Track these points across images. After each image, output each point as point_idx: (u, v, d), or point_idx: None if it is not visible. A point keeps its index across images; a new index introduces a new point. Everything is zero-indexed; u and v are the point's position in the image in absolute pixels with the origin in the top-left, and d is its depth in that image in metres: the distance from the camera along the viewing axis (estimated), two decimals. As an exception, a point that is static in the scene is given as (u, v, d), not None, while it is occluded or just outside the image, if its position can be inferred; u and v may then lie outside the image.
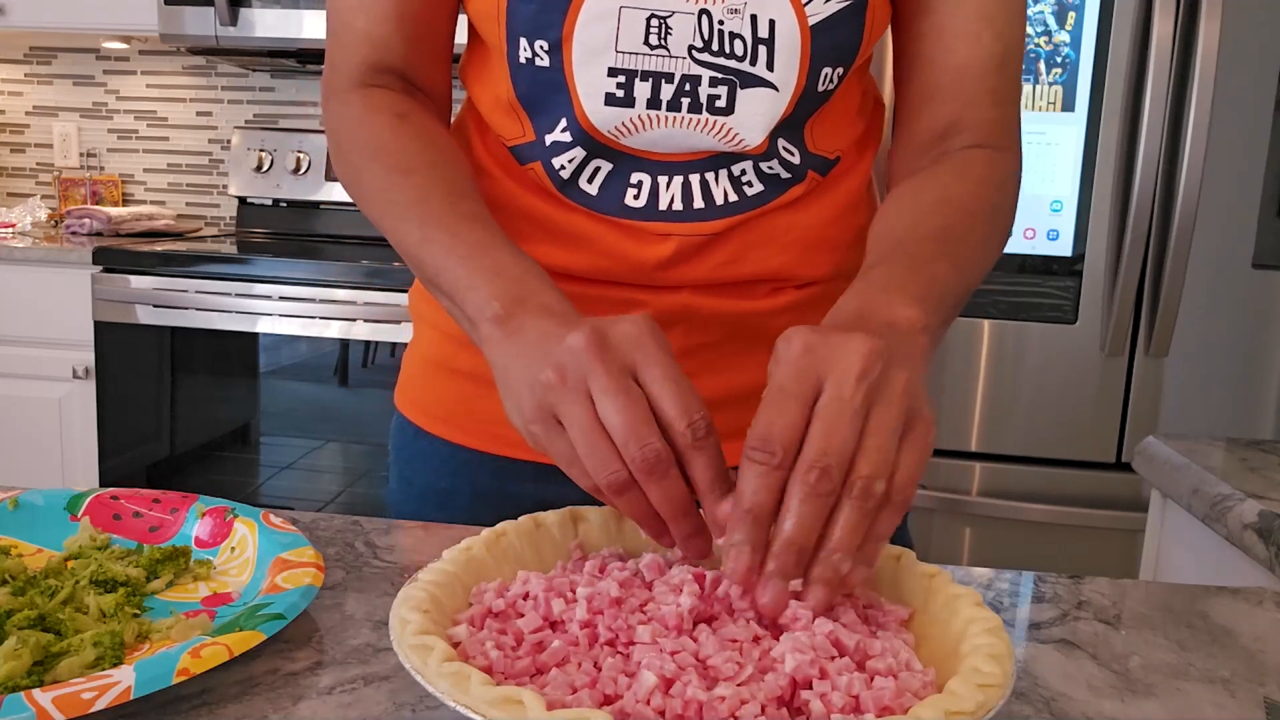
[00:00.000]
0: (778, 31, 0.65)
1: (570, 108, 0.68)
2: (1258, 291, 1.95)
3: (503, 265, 0.58)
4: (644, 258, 0.72)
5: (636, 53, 0.66)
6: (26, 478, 2.32)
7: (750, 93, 0.67)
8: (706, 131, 0.68)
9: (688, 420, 0.48)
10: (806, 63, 0.66)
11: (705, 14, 0.65)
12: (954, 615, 0.50)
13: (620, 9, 0.65)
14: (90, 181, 2.88)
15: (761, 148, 0.69)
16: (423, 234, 0.62)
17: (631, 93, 0.67)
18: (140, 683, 0.43)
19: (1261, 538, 0.83)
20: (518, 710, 0.39)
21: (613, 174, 0.71)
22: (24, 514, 0.64)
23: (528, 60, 0.68)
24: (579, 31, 0.66)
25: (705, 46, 0.66)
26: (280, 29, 2.36)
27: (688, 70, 0.66)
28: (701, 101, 0.67)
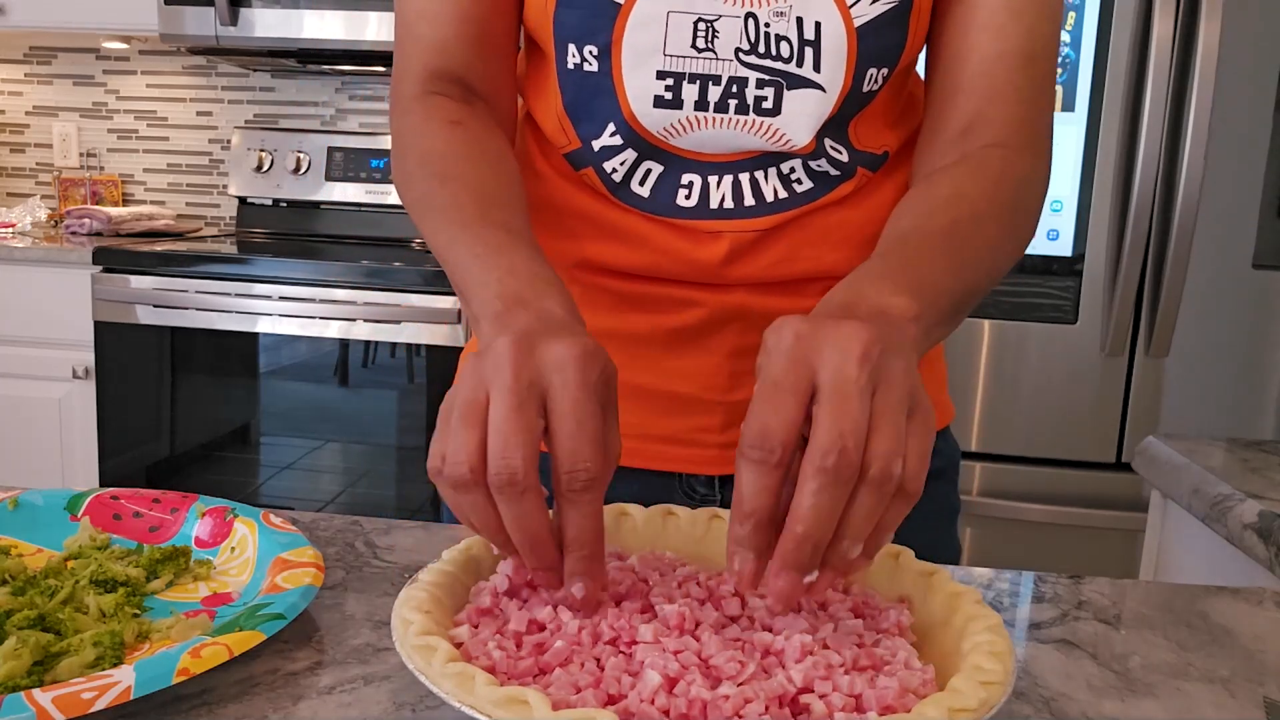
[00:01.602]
0: (824, 33, 0.66)
1: (618, 111, 0.69)
2: (1258, 291, 1.95)
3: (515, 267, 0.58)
4: (699, 256, 0.72)
5: (684, 55, 0.67)
6: (26, 478, 2.32)
7: (797, 94, 0.67)
8: (753, 132, 0.68)
9: (569, 467, 0.45)
10: (853, 64, 0.67)
11: (751, 17, 0.66)
12: (954, 613, 0.50)
13: (668, 13, 0.66)
14: (90, 181, 2.88)
15: (809, 148, 0.69)
16: (449, 236, 0.62)
17: (679, 95, 0.68)
18: (140, 682, 0.43)
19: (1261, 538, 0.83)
20: (523, 710, 0.39)
21: (664, 175, 0.71)
22: (24, 514, 0.64)
23: (575, 66, 0.69)
24: (628, 35, 0.67)
25: (752, 49, 0.66)
26: (280, 29, 2.36)
27: (735, 72, 0.67)
28: (748, 103, 0.67)
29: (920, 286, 0.55)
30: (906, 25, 0.68)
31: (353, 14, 2.33)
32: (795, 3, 0.65)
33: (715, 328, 0.74)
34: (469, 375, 0.47)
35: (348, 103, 2.82)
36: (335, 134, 2.73)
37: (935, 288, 0.57)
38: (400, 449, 2.18)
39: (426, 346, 2.12)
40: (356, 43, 2.35)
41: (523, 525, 0.46)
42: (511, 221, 0.63)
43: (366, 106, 2.81)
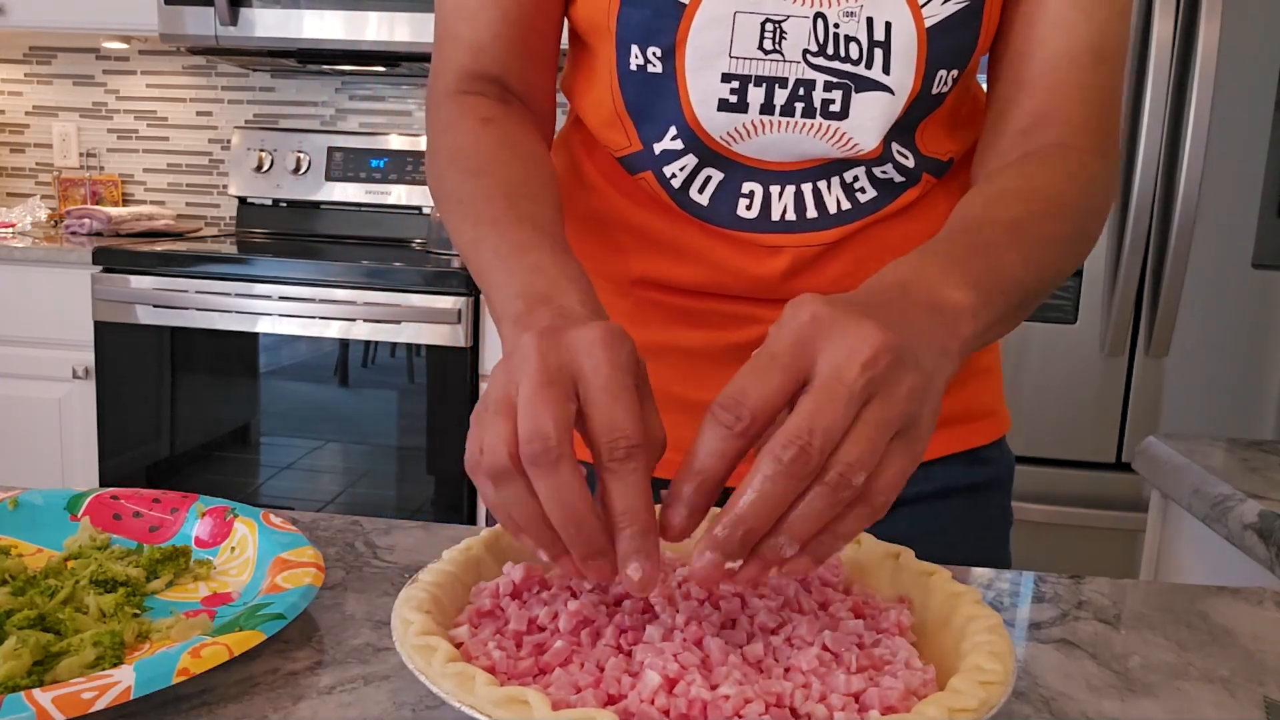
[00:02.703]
0: (894, 34, 0.64)
1: (680, 114, 0.67)
2: (1258, 291, 1.95)
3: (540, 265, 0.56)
4: (759, 272, 0.71)
5: (750, 57, 0.65)
6: (26, 478, 2.32)
7: (865, 96, 0.65)
8: (820, 136, 0.67)
9: (607, 437, 0.42)
10: (923, 65, 0.65)
11: (820, 17, 0.64)
12: (954, 613, 0.50)
13: (735, 14, 0.64)
14: (90, 181, 2.88)
15: (876, 152, 0.67)
16: (475, 233, 0.61)
17: (745, 98, 0.66)
18: (140, 682, 0.43)
19: (1262, 538, 0.83)
20: (523, 710, 0.39)
21: (724, 183, 0.70)
22: (24, 514, 0.64)
23: (639, 67, 0.67)
24: (693, 37, 0.65)
25: (820, 50, 0.64)
26: (280, 29, 2.36)
27: (802, 74, 0.65)
28: (815, 106, 0.66)
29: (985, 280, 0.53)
30: (978, 25, 0.66)
31: (353, 14, 2.33)
32: (866, 2, 0.64)
33: None
34: (498, 376, 0.46)
35: (348, 103, 2.82)
36: (335, 134, 2.73)
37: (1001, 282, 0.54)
38: (400, 449, 2.18)
39: (426, 346, 2.12)
40: (356, 43, 2.35)
41: (562, 500, 0.42)
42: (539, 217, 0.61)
43: (366, 106, 2.81)
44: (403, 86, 2.78)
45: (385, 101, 2.80)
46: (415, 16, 2.31)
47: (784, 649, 0.46)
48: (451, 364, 2.12)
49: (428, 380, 2.14)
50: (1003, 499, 0.82)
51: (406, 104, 2.79)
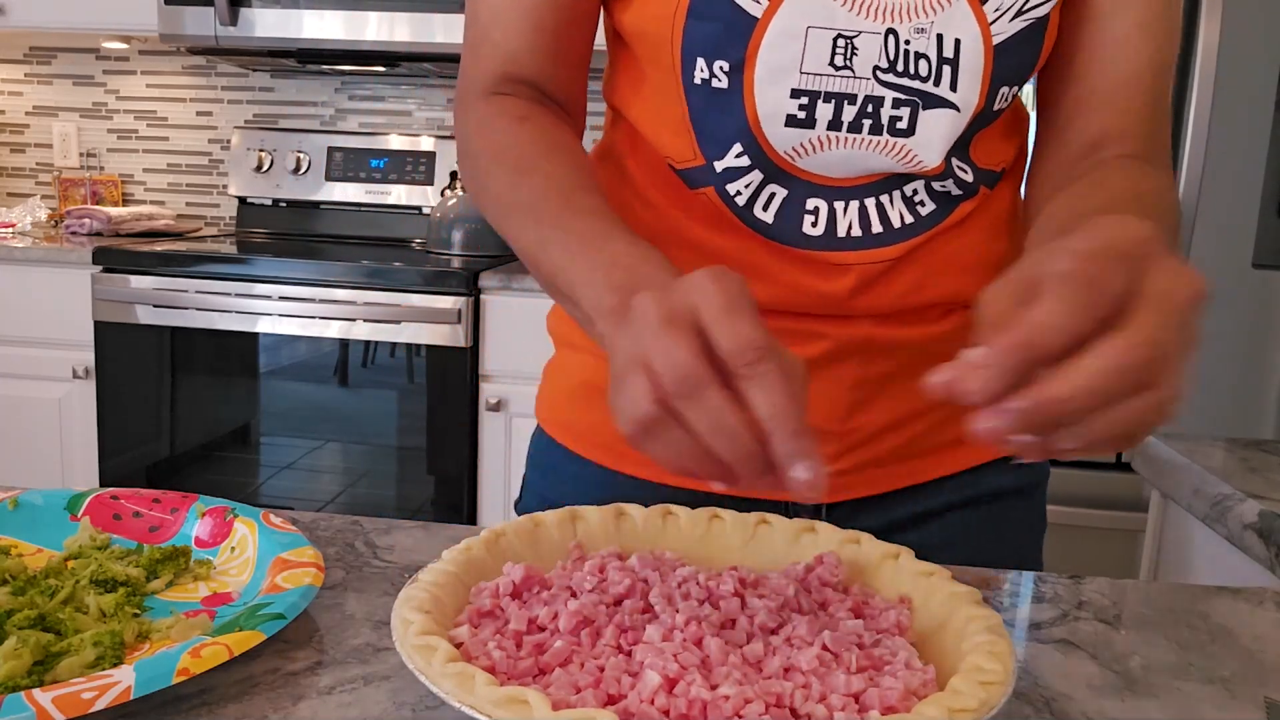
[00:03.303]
0: (962, 51, 0.64)
1: (747, 130, 0.67)
2: (1258, 291, 1.95)
3: (617, 256, 0.54)
4: (825, 289, 0.70)
5: (821, 74, 0.64)
6: (26, 478, 2.32)
7: (932, 113, 0.65)
8: (885, 153, 0.66)
9: (736, 349, 0.42)
10: (988, 82, 0.65)
11: (892, 33, 0.63)
12: (953, 613, 0.50)
13: (807, 29, 0.63)
14: (90, 181, 2.88)
15: (939, 169, 0.67)
16: (539, 234, 0.60)
17: (813, 114, 0.65)
18: (140, 682, 0.43)
19: (1262, 538, 0.83)
20: (523, 710, 0.39)
21: (788, 200, 0.69)
22: (24, 514, 0.64)
23: (704, 81, 0.66)
24: (763, 52, 0.64)
25: (890, 67, 0.64)
26: (280, 29, 2.36)
27: (871, 91, 0.65)
28: (883, 123, 0.65)
29: None
30: (1041, 42, 0.66)
31: (352, 14, 2.33)
32: (937, 19, 0.63)
33: (839, 359, 0.71)
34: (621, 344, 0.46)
35: (347, 103, 2.82)
36: (335, 134, 2.73)
37: None
38: (400, 449, 2.18)
39: (426, 346, 2.12)
40: (356, 43, 2.35)
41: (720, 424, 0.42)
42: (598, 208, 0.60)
43: (366, 106, 2.81)
44: (402, 86, 2.78)
45: (385, 101, 2.80)
46: (415, 16, 2.31)
47: (784, 649, 0.46)
48: (451, 364, 2.12)
49: (428, 380, 2.14)
50: (1042, 501, 0.83)
51: (406, 104, 2.79)
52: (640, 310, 0.45)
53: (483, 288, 2.12)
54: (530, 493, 0.84)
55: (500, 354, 2.14)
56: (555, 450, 0.81)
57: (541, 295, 2.11)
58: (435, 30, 2.31)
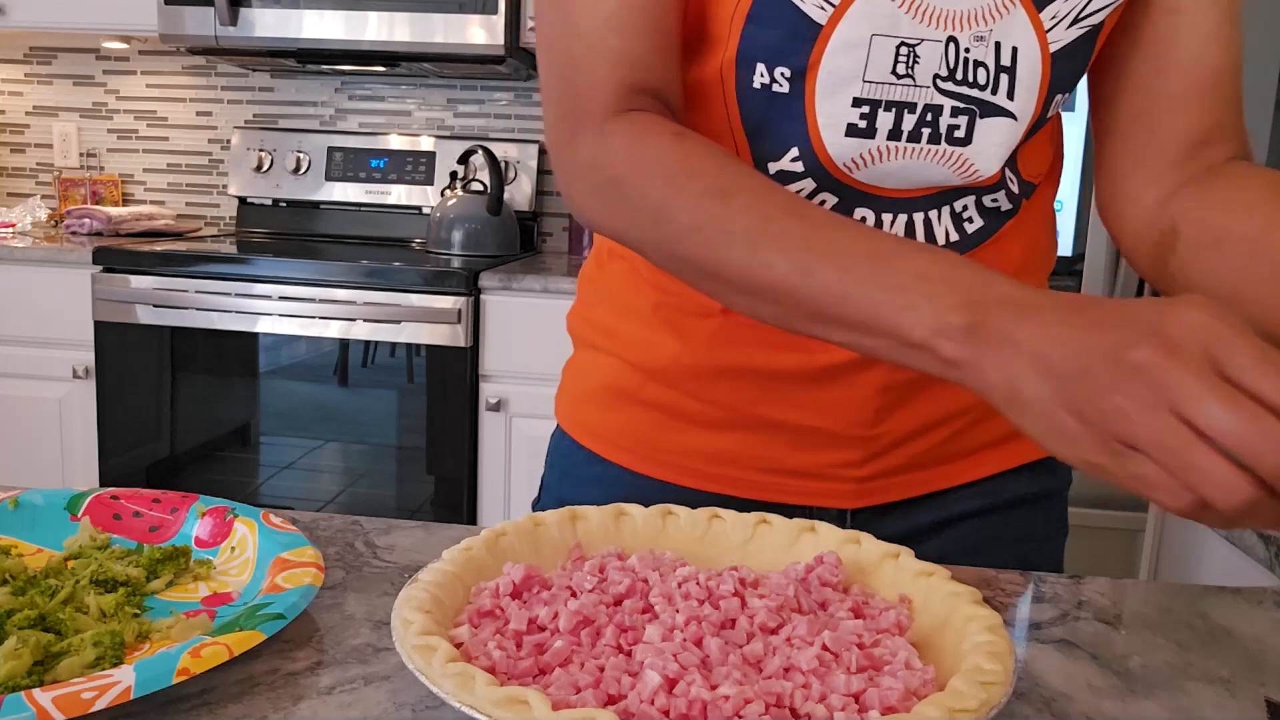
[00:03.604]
0: (1020, 59, 0.63)
1: (804, 137, 0.65)
2: (1258, 291, 1.95)
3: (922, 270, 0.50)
4: None
5: (883, 82, 0.63)
6: (27, 477, 2.32)
7: (989, 122, 0.65)
8: (942, 162, 0.65)
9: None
10: (1044, 91, 0.65)
11: (953, 41, 0.62)
12: (953, 613, 0.50)
13: (871, 37, 0.62)
14: (90, 181, 2.88)
15: (995, 178, 0.67)
16: (794, 263, 0.53)
17: (874, 123, 0.64)
18: (140, 682, 0.43)
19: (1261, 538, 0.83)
20: (523, 710, 0.39)
21: (837, 208, 0.67)
22: (24, 514, 0.64)
23: (763, 86, 0.64)
24: (827, 60, 0.62)
25: (950, 75, 0.63)
26: (280, 29, 2.36)
27: (930, 100, 0.64)
28: (941, 132, 0.65)
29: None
30: (1093, 47, 0.65)
31: (352, 14, 2.33)
32: (996, 27, 0.62)
33: (869, 364, 0.70)
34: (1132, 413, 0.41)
35: (347, 103, 2.82)
36: (335, 134, 2.73)
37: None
38: (400, 449, 2.18)
39: (426, 346, 2.12)
40: (356, 43, 2.35)
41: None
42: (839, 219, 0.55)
43: (366, 106, 2.81)
44: (402, 86, 2.78)
45: (385, 101, 2.80)
46: (415, 16, 2.31)
47: (784, 649, 0.46)
48: (451, 364, 2.12)
49: (428, 380, 2.14)
50: (1063, 507, 0.82)
51: (406, 104, 2.79)
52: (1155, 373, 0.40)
53: (483, 288, 2.12)
54: (550, 495, 0.84)
55: (500, 354, 2.14)
56: (577, 452, 0.80)
57: (541, 296, 2.12)
58: (435, 30, 2.31)
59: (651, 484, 0.76)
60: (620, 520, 0.60)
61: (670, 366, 0.74)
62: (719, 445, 0.74)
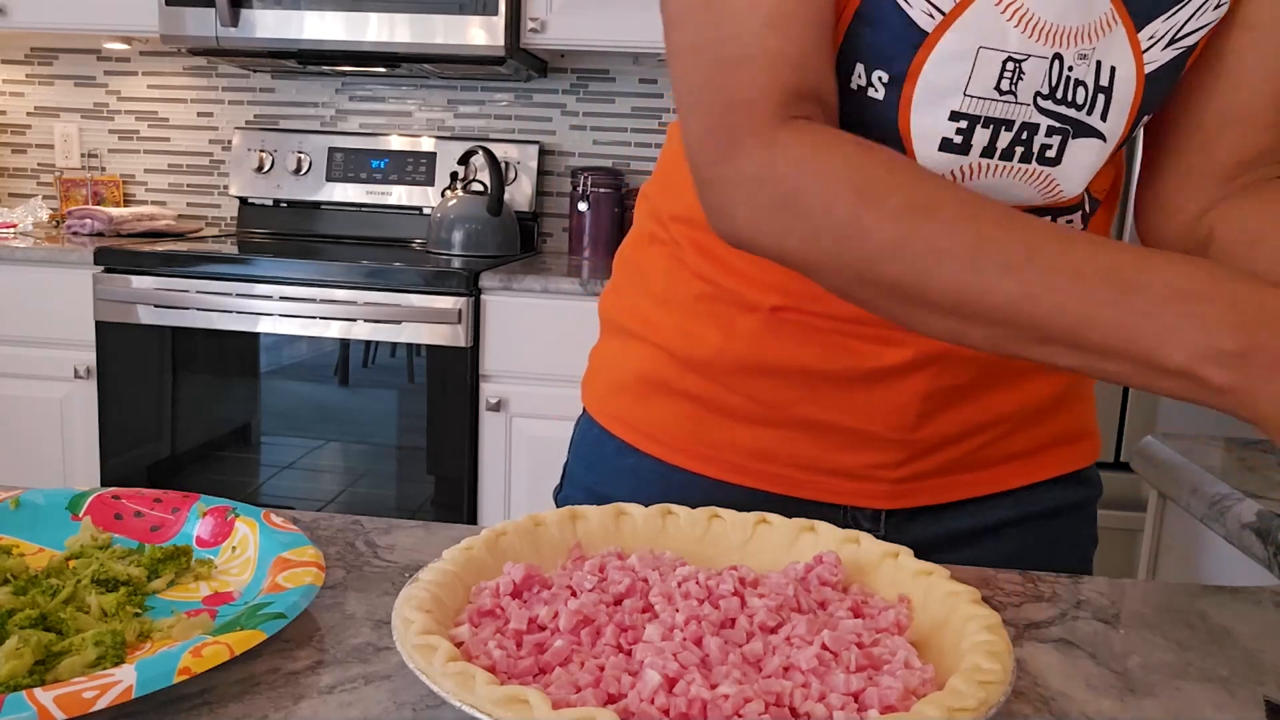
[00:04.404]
0: (1117, 80, 0.62)
1: (899, 146, 0.62)
2: (1258, 291, 1.95)
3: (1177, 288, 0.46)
4: None
5: (985, 98, 0.60)
6: (28, 477, 2.32)
7: (1080, 143, 0.63)
8: (1030, 181, 0.64)
9: None
10: (1135, 112, 0.63)
11: (1058, 59, 0.60)
12: (952, 612, 0.50)
13: (979, 49, 0.59)
14: (91, 182, 2.88)
15: (1076, 200, 0.65)
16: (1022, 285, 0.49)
17: (970, 140, 0.61)
18: (141, 682, 0.43)
19: (1260, 537, 0.83)
20: (523, 710, 0.39)
21: None
22: (25, 513, 0.64)
23: (859, 89, 0.61)
24: (929, 69, 0.59)
25: (1050, 94, 0.61)
26: (281, 30, 2.36)
27: (1028, 118, 0.61)
28: (1033, 151, 0.62)
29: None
30: (1182, 69, 0.64)
31: (353, 15, 2.33)
32: (1099, 45, 0.60)
33: (917, 367, 0.69)
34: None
35: (348, 103, 2.82)
36: (335, 134, 2.73)
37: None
38: (400, 449, 2.19)
39: (426, 346, 2.13)
40: (357, 43, 2.35)
41: None
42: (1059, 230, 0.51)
43: (366, 107, 2.81)
44: (403, 87, 2.78)
45: (385, 102, 2.80)
46: (415, 17, 2.31)
47: (783, 648, 0.47)
48: (451, 364, 2.13)
49: (428, 380, 2.14)
50: (1094, 518, 0.82)
51: (406, 105, 2.79)
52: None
53: (483, 288, 2.12)
54: (574, 484, 0.82)
55: (500, 354, 2.15)
56: (608, 442, 0.78)
57: (541, 296, 2.12)
58: (435, 31, 2.31)
59: (686, 477, 0.75)
60: (620, 520, 0.60)
61: (713, 359, 0.73)
62: (757, 441, 0.73)
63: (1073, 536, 0.79)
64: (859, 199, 0.53)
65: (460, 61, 2.39)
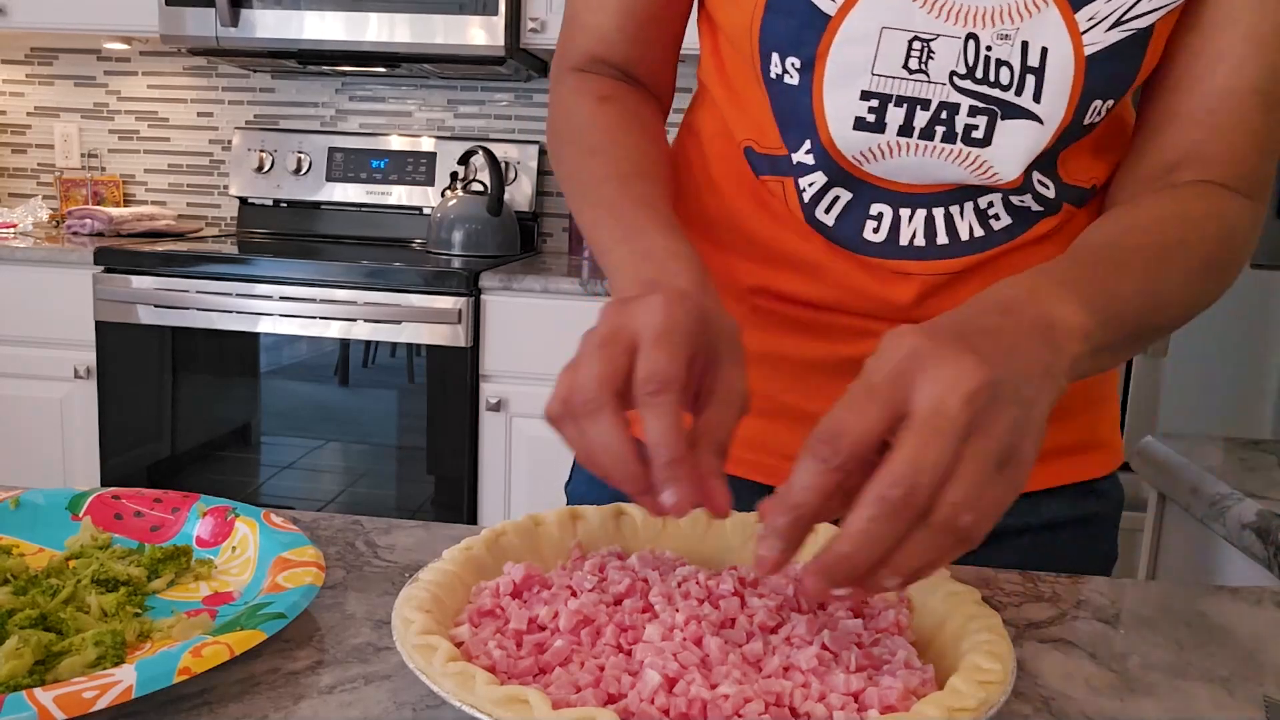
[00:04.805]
0: (1049, 61, 0.61)
1: (814, 130, 0.65)
2: (1258, 291, 1.95)
3: (652, 248, 0.58)
4: (887, 296, 0.68)
5: (894, 76, 0.62)
6: (28, 477, 2.32)
7: (1011, 124, 0.62)
8: (958, 162, 0.64)
9: (642, 378, 0.47)
10: (1077, 95, 0.61)
11: (973, 38, 0.61)
12: (953, 612, 0.50)
13: (881, 29, 0.61)
14: (91, 182, 2.88)
15: (1016, 182, 0.64)
16: (593, 215, 0.63)
17: (883, 118, 0.63)
18: (141, 682, 0.43)
19: (1260, 537, 0.83)
20: (523, 710, 0.39)
21: (852, 204, 0.67)
22: (26, 513, 0.64)
23: (777, 76, 0.65)
24: (834, 51, 0.62)
25: (968, 73, 0.61)
26: (281, 30, 2.36)
27: (946, 97, 0.62)
28: (957, 131, 0.63)
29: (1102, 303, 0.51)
30: (1142, 53, 0.62)
31: (353, 15, 2.33)
32: (1024, 26, 0.60)
33: None
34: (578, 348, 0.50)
35: (348, 103, 2.82)
36: (335, 134, 2.73)
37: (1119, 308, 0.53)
38: (400, 449, 2.19)
39: (426, 346, 2.13)
40: (357, 43, 2.35)
41: (603, 445, 0.47)
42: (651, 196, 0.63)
43: (367, 107, 2.81)
44: (403, 87, 2.79)
45: (385, 102, 2.80)
46: (415, 17, 2.31)
47: (783, 648, 0.47)
48: (451, 364, 2.13)
49: (428, 380, 2.14)
50: (1111, 533, 0.79)
51: (406, 104, 2.79)
52: (601, 318, 0.50)
53: (483, 288, 2.12)
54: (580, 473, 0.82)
55: (500, 354, 2.15)
56: None
57: (540, 296, 2.13)
58: (435, 31, 2.31)
59: None
60: (620, 520, 0.60)
61: None
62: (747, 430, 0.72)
63: (1079, 553, 0.76)
64: (567, 138, 0.71)
65: (460, 61, 2.39)
